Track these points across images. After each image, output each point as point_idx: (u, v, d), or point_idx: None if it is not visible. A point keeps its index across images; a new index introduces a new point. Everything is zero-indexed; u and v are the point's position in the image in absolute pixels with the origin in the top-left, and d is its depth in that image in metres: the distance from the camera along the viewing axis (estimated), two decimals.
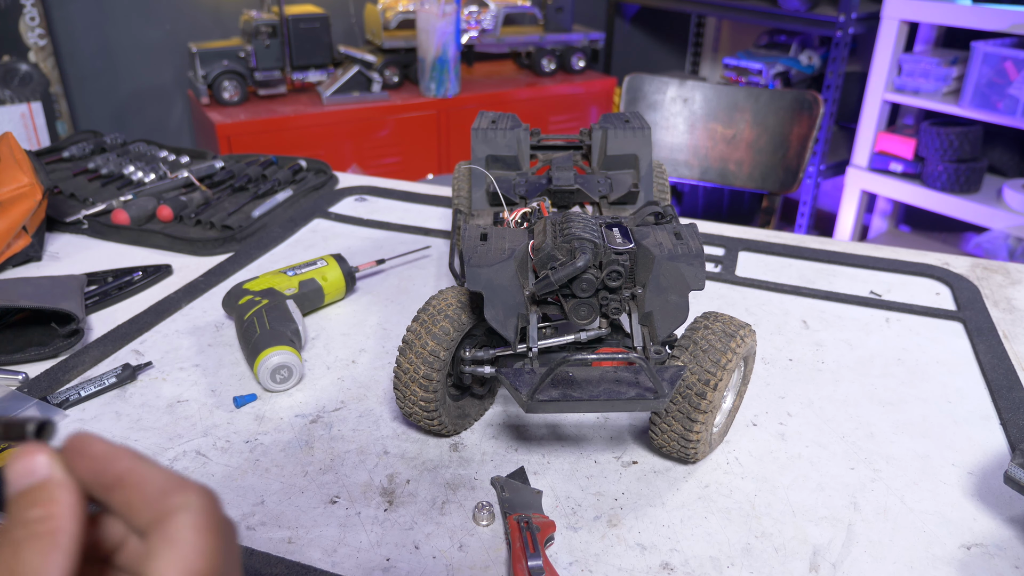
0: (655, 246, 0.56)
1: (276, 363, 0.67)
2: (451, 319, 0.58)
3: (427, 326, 0.58)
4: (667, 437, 0.57)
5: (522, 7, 2.74)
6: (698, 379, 0.54)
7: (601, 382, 0.54)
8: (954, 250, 2.57)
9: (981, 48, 2.16)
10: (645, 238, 0.57)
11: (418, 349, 0.57)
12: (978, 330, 0.80)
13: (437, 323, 0.57)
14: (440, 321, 0.57)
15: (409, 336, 0.58)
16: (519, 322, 0.56)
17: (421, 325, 0.58)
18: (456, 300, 0.59)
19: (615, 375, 0.54)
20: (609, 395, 0.52)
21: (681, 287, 0.55)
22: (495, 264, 0.55)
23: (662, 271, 0.55)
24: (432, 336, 0.57)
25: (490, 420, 0.65)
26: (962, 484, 0.59)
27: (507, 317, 0.55)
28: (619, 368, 0.55)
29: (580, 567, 0.51)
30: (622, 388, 0.53)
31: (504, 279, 0.55)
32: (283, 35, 2.35)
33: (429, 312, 0.59)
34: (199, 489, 0.28)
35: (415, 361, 0.57)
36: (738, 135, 1.68)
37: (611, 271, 0.56)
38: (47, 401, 0.65)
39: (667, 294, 0.55)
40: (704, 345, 0.55)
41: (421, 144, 2.55)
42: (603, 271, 0.56)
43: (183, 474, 0.32)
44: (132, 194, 1.04)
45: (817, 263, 0.95)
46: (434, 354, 0.57)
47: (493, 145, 0.78)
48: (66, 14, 2.35)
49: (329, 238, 1.00)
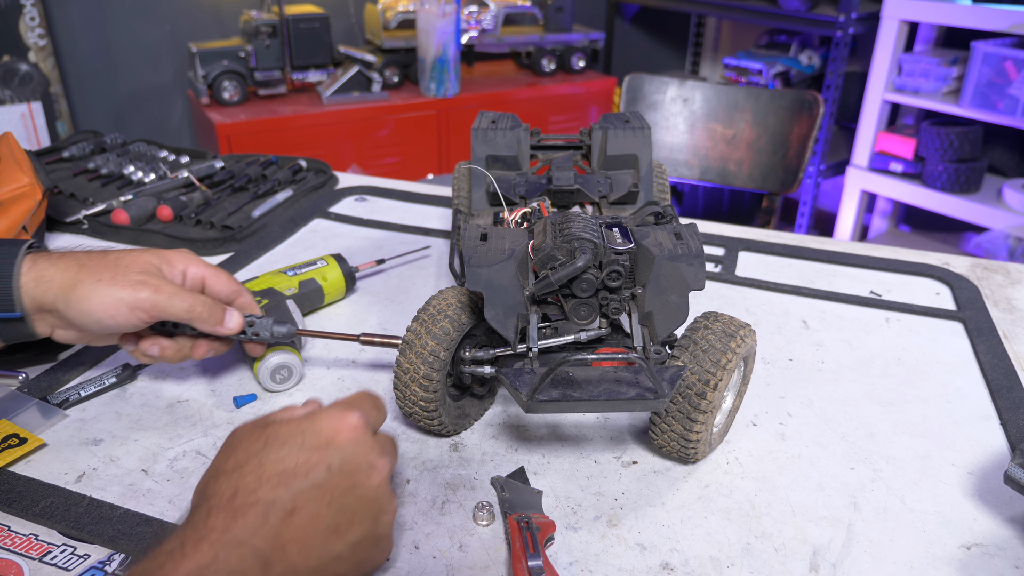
0: (655, 246, 0.56)
1: (276, 363, 0.67)
2: (451, 319, 0.58)
3: (427, 326, 0.58)
4: (667, 437, 0.57)
5: (522, 7, 2.74)
6: (698, 379, 0.54)
7: (601, 382, 0.53)
8: (954, 250, 2.57)
9: (981, 48, 2.16)
10: (645, 238, 0.57)
11: (418, 349, 0.57)
12: (978, 330, 0.80)
13: (437, 323, 0.57)
14: (440, 321, 0.57)
15: (409, 336, 0.58)
16: (519, 322, 0.56)
17: (421, 325, 0.58)
18: (456, 300, 0.59)
19: (615, 375, 0.54)
20: (609, 395, 0.52)
21: (681, 287, 0.55)
22: (495, 264, 0.55)
23: (662, 271, 0.55)
24: (432, 336, 0.57)
25: (490, 420, 0.65)
26: (962, 484, 0.59)
27: (507, 317, 0.55)
28: (619, 368, 0.55)
29: (580, 567, 0.51)
30: (622, 388, 0.53)
31: (504, 279, 0.55)
32: (283, 35, 2.35)
33: (429, 312, 0.59)
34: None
35: (415, 361, 0.57)
36: (738, 135, 1.68)
37: (611, 271, 0.56)
38: (47, 401, 0.65)
39: (667, 294, 0.55)
40: (704, 345, 0.55)
41: (421, 144, 2.55)
42: (603, 271, 0.56)
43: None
44: (132, 194, 1.04)
45: (817, 263, 0.95)
46: (434, 354, 0.57)
47: (493, 145, 0.78)
48: (66, 14, 2.35)
49: (329, 238, 1.00)
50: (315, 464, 0.43)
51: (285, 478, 0.42)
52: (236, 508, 0.40)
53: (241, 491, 0.41)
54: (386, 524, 0.46)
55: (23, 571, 0.50)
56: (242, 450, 0.44)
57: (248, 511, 0.40)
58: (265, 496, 0.41)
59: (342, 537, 0.43)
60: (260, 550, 0.39)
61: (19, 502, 0.54)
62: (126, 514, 0.53)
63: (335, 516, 0.42)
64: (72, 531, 0.52)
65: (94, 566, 0.50)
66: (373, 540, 0.45)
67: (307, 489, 0.42)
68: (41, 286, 0.56)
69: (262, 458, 0.43)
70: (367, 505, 0.44)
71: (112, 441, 0.61)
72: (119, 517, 0.53)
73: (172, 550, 0.38)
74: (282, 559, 0.39)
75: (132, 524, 0.52)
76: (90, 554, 0.51)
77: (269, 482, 0.41)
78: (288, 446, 0.43)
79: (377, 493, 0.45)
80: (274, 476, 0.42)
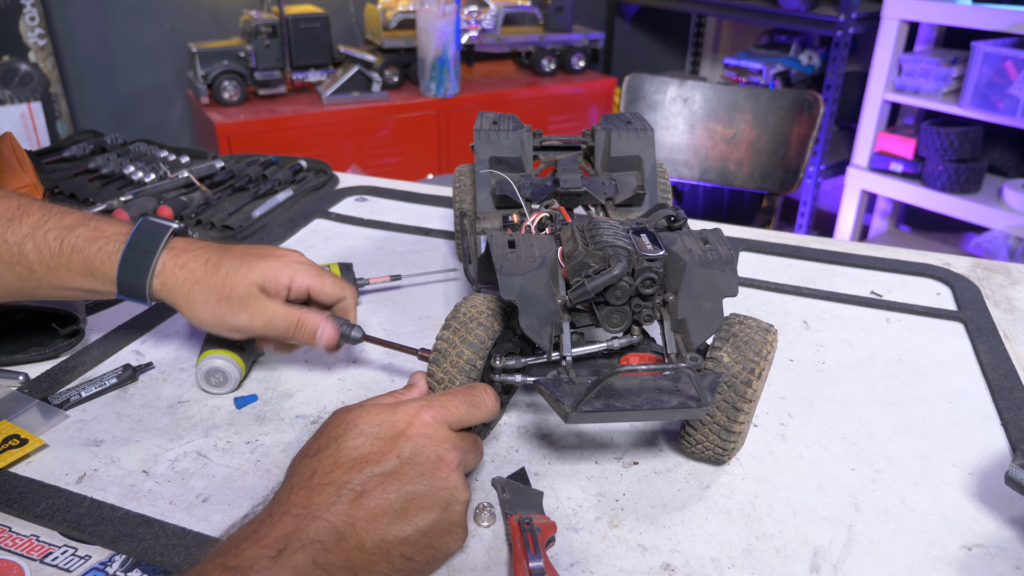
0: (685, 252, 0.56)
1: (211, 367, 0.66)
2: (484, 327, 0.57)
3: (461, 334, 0.57)
4: (706, 432, 0.56)
5: (522, 7, 2.74)
6: (742, 368, 0.54)
7: (642, 391, 0.53)
8: (954, 250, 2.57)
9: (981, 48, 2.16)
10: (673, 244, 0.57)
11: (453, 358, 0.56)
12: (979, 330, 0.80)
13: (472, 331, 0.56)
14: (474, 329, 0.56)
15: (442, 345, 0.57)
16: (553, 331, 0.56)
17: (454, 333, 0.57)
18: (486, 307, 0.58)
19: (655, 384, 0.54)
20: (652, 404, 0.52)
21: (714, 294, 0.55)
22: (528, 272, 0.55)
23: (695, 278, 0.55)
24: (468, 344, 0.56)
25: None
26: (963, 485, 0.59)
27: (542, 326, 0.55)
28: (657, 376, 0.55)
29: (581, 568, 0.51)
30: (664, 397, 0.53)
31: (538, 288, 0.55)
32: (283, 35, 2.35)
33: (460, 320, 0.57)
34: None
35: (450, 371, 0.56)
36: (738, 135, 1.68)
37: (645, 278, 0.56)
38: (48, 402, 0.65)
39: (700, 301, 0.55)
40: (744, 338, 0.55)
41: (421, 144, 2.55)
42: (636, 279, 0.56)
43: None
44: (132, 194, 1.04)
45: (817, 263, 0.95)
46: (470, 363, 0.56)
47: (496, 147, 0.77)
48: (66, 14, 2.35)
49: (329, 238, 1.00)
50: (386, 453, 0.48)
51: (358, 464, 0.47)
52: (313, 487, 0.46)
53: (319, 472, 0.46)
54: (457, 513, 0.49)
55: (24, 572, 0.50)
56: (325, 436, 0.49)
57: (323, 490, 0.45)
58: (339, 479, 0.46)
59: (410, 521, 0.46)
60: (334, 524, 0.44)
61: (20, 503, 0.54)
62: (127, 515, 0.53)
63: (403, 502, 0.46)
64: (73, 532, 0.52)
65: (95, 567, 0.50)
66: (445, 527, 0.48)
67: (377, 475, 0.46)
68: (164, 289, 0.62)
69: (340, 444, 0.48)
70: (436, 493, 0.48)
71: (113, 442, 0.61)
72: (120, 518, 0.53)
73: (263, 519, 0.44)
74: (353, 535, 0.44)
75: (133, 525, 0.52)
76: (91, 555, 0.51)
77: (343, 466, 0.47)
78: (364, 436, 0.48)
79: (447, 483, 0.48)
80: (348, 461, 0.47)
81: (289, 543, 0.42)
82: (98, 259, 0.60)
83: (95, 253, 0.60)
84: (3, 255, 0.59)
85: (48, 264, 0.59)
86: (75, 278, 0.60)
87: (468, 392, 0.54)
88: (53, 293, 0.62)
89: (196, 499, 0.56)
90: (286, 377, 0.71)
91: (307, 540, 0.42)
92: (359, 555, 0.44)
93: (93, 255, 0.60)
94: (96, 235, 0.60)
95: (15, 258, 0.59)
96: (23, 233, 0.59)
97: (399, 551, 0.46)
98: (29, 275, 0.60)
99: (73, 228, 0.60)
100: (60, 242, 0.59)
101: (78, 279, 0.61)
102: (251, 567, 0.40)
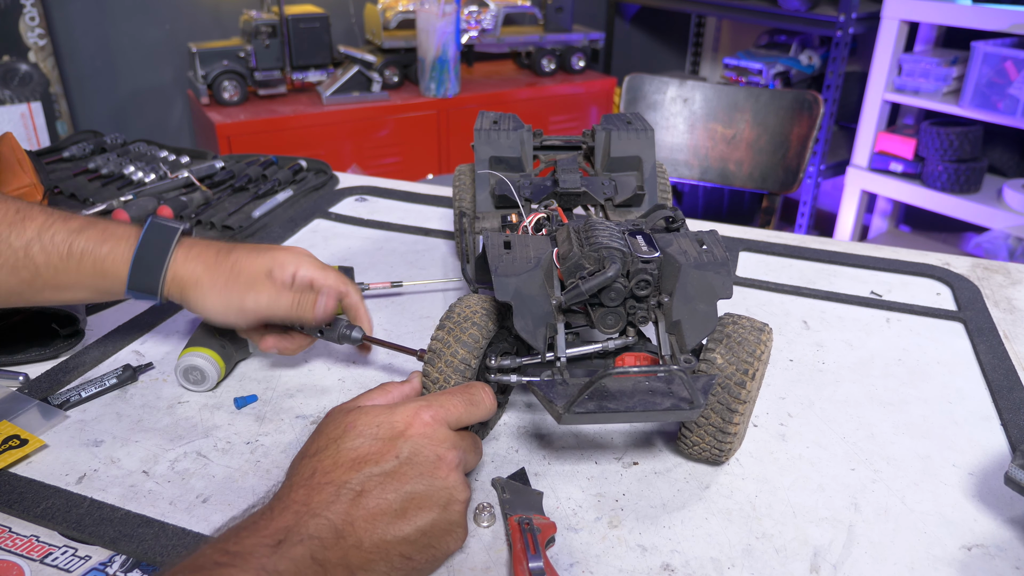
0: (680, 254, 0.56)
1: (189, 364, 0.66)
2: (479, 326, 0.57)
3: (455, 334, 0.57)
4: (700, 436, 0.56)
5: (522, 7, 2.74)
6: (736, 369, 0.54)
7: (635, 393, 0.53)
8: (954, 250, 2.57)
9: (981, 48, 2.16)
10: (669, 246, 0.57)
11: (448, 358, 0.56)
12: (979, 330, 0.80)
13: (466, 331, 0.57)
14: (469, 329, 0.57)
15: (436, 345, 0.57)
16: (548, 331, 0.56)
17: (449, 333, 0.57)
18: (481, 307, 0.58)
19: (648, 385, 0.54)
20: (645, 406, 0.52)
21: (708, 296, 0.55)
22: (522, 273, 0.55)
23: (689, 280, 0.55)
24: (462, 344, 0.56)
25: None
26: (963, 485, 0.59)
27: (536, 327, 0.55)
28: (651, 378, 0.55)
29: (581, 568, 0.51)
30: (657, 399, 0.53)
31: (533, 289, 0.55)
32: (283, 35, 2.35)
33: (455, 320, 0.58)
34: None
35: (445, 371, 0.56)
36: (738, 135, 1.68)
37: (640, 280, 0.56)
38: (48, 402, 0.65)
39: (695, 303, 0.55)
40: (737, 338, 0.55)
41: (421, 144, 2.55)
42: (631, 280, 0.56)
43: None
44: (132, 194, 1.04)
45: (817, 263, 0.95)
46: (465, 362, 0.56)
47: (496, 146, 0.77)
48: (66, 14, 2.35)
49: (329, 238, 1.00)
50: (385, 454, 0.48)
51: (357, 464, 0.47)
52: (314, 486, 0.46)
53: (319, 472, 0.47)
54: (457, 512, 0.49)
55: (24, 572, 0.50)
56: (324, 436, 0.50)
57: (323, 489, 0.46)
58: (338, 478, 0.46)
59: (409, 521, 0.47)
60: (333, 522, 0.44)
61: (20, 503, 0.54)
62: (127, 515, 0.53)
63: (402, 501, 0.47)
64: (73, 532, 0.52)
65: (95, 567, 0.50)
66: (444, 526, 0.48)
67: (376, 475, 0.47)
68: (175, 282, 0.62)
69: (339, 445, 0.49)
70: (435, 493, 0.48)
71: (113, 442, 0.61)
72: (120, 519, 0.53)
73: (264, 512, 0.45)
74: (351, 534, 0.45)
75: (133, 526, 0.52)
76: (91, 555, 0.51)
77: (343, 466, 0.47)
78: (363, 436, 0.49)
79: (446, 483, 0.49)
80: (348, 461, 0.47)
81: (289, 536, 0.43)
82: (110, 259, 0.60)
83: (107, 254, 0.60)
84: (8, 259, 0.59)
85: (56, 267, 0.60)
86: (83, 279, 0.61)
87: (466, 391, 0.54)
88: (54, 297, 0.62)
89: (196, 499, 0.56)
90: (286, 377, 0.71)
91: (306, 535, 0.43)
92: (357, 554, 0.44)
93: (104, 256, 0.60)
94: (106, 236, 0.61)
95: (20, 262, 0.59)
96: (28, 237, 0.59)
97: (398, 550, 0.46)
98: (34, 279, 0.60)
99: (81, 231, 0.60)
100: (68, 244, 0.60)
101: (87, 280, 0.61)
102: (251, 553, 0.41)
